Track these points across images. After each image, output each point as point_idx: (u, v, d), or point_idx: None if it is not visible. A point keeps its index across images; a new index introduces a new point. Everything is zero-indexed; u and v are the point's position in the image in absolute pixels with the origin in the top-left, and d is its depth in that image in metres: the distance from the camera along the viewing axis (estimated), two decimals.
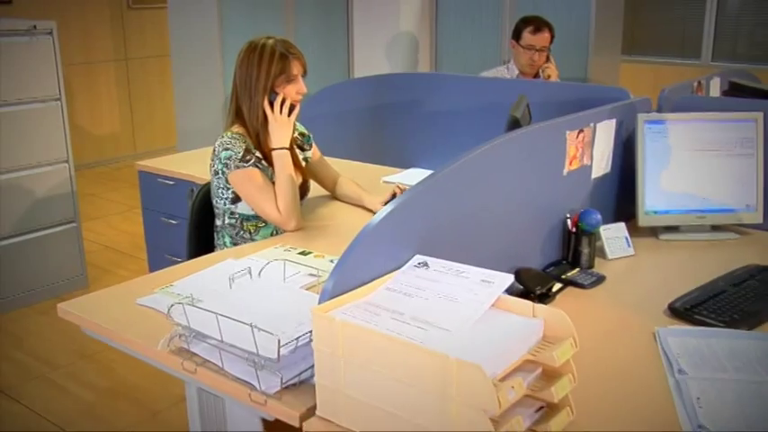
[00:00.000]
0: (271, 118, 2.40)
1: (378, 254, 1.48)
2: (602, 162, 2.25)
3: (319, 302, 1.38)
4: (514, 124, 2.10)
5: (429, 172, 3.31)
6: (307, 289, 1.92)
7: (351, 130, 3.45)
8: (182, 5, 4.91)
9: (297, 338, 1.42)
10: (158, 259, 3.49)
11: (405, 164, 3.24)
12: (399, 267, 1.52)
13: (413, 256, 1.55)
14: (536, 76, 3.79)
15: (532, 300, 1.82)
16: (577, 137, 2.08)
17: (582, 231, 2.08)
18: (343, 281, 1.41)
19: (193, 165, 3.32)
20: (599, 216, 2.08)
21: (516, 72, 3.76)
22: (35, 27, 3.66)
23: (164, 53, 6.59)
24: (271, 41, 2.38)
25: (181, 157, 3.63)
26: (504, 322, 1.36)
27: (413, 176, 3.10)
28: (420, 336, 1.27)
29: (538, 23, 3.66)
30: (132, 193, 5.56)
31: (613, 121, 2.26)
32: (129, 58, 6.93)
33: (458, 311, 1.35)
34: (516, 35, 3.70)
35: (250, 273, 1.80)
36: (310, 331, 1.44)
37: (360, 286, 1.43)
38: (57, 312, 1.89)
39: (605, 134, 2.23)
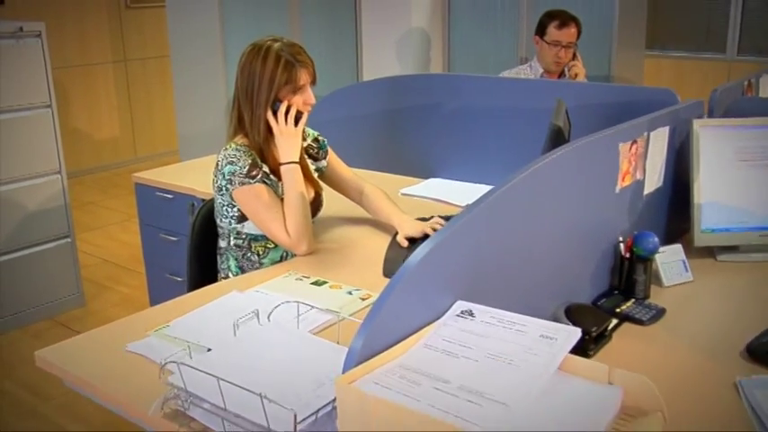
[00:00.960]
0: (276, 130, 2.14)
1: (413, 302, 1.21)
2: (654, 176, 1.99)
3: (345, 367, 1.11)
4: (558, 136, 1.84)
5: (451, 182, 3.12)
6: (324, 329, 1.66)
7: (364, 137, 3.19)
8: (181, 4, 4.65)
9: (317, 411, 1.16)
10: (158, 279, 3.24)
11: (424, 173, 2.97)
12: (438, 317, 1.26)
13: (454, 303, 1.29)
14: (561, 74, 3.52)
15: (587, 342, 1.56)
16: (630, 149, 1.82)
17: (637, 257, 1.81)
18: (373, 339, 1.14)
19: (194, 176, 3.06)
20: (656, 239, 1.82)
21: (540, 71, 3.49)
22: (21, 29, 3.40)
23: (164, 54, 6.31)
24: (276, 45, 2.11)
25: (180, 167, 3.36)
26: (574, 391, 1.10)
27: (433, 188, 2.84)
28: (473, 414, 1.01)
29: (564, 17, 3.39)
30: (133, 201, 5.29)
31: (667, 128, 1.99)
32: (128, 59, 6.67)
33: (515, 378, 1.09)
34: (540, 30, 3.43)
35: (258, 316, 1.54)
36: (333, 400, 1.18)
37: (393, 345, 1.17)
38: (57, 334, 1.63)
39: (659, 144, 1.96)
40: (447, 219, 2.33)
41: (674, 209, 2.15)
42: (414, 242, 2.17)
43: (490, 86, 2.96)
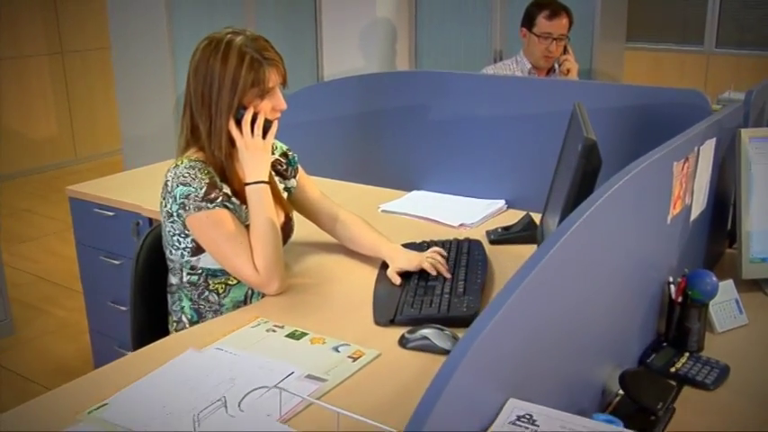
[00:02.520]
0: (240, 143, 1.75)
1: (455, 412, 0.85)
2: (700, 197, 1.65)
3: None
4: (593, 155, 1.48)
5: (435, 195, 2.72)
6: (308, 407, 1.29)
7: (332, 144, 2.80)
8: None
9: None
10: (98, 307, 2.81)
11: (405, 185, 2.60)
12: (486, 427, 0.90)
13: (505, 402, 0.93)
14: (550, 70, 3.19)
15: (654, 423, 1.22)
16: (682, 169, 1.48)
17: (692, 302, 1.48)
18: None
19: (140, 190, 2.64)
20: (714, 279, 1.49)
21: (528, 66, 3.15)
22: None
23: (107, 45, 5.81)
24: (239, 40, 1.72)
25: (124, 178, 2.91)
26: None
27: (417, 202, 2.47)
28: None
29: (554, 7, 3.04)
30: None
31: (713, 140, 1.66)
32: (65, 51, 6.14)
33: None
34: (528, 22, 3.09)
35: (225, 405, 1.15)
36: None
37: None
38: None
39: (705, 160, 1.63)
40: (443, 245, 1.97)
41: (712, 234, 1.83)
42: (407, 277, 1.82)
43: (477, 85, 2.58)
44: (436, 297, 1.67)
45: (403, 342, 1.53)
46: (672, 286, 1.49)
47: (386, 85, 2.71)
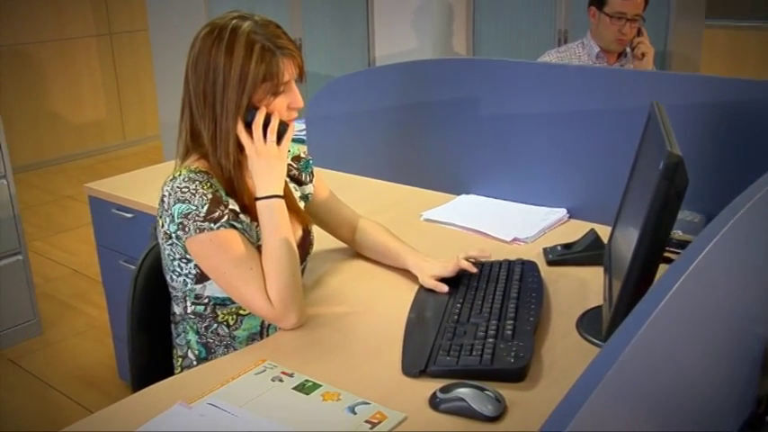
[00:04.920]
0: (250, 150, 1.48)
1: None
2: None
3: None
4: (678, 175, 1.16)
5: (486, 200, 2.19)
6: None
7: (375, 138, 2.50)
8: None
9: None
10: (120, 314, 2.59)
11: (453, 188, 2.30)
12: None
13: None
14: (621, 54, 2.83)
15: None
16: None
17: None
18: None
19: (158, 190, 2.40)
20: None
21: (596, 50, 2.80)
22: None
23: None
24: (246, 26, 1.44)
25: (144, 176, 2.67)
26: None
27: (464, 209, 2.17)
28: None
29: None
30: None
31: None
32: (113, 32, 5.97)
33: None
34: (599, 1, 2.73)
35: None
36: None
37: None
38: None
39: None
40: (491, 267, 1.68)
41: None
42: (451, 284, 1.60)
43: (538, 75, 2.22)
44: (478, 341, 1.38)
45: (435, 403, 1.25)
46: None
47: (435, 74, 2.39)
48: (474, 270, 1.63)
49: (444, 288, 1.60)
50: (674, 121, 1.37)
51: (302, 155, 1.75)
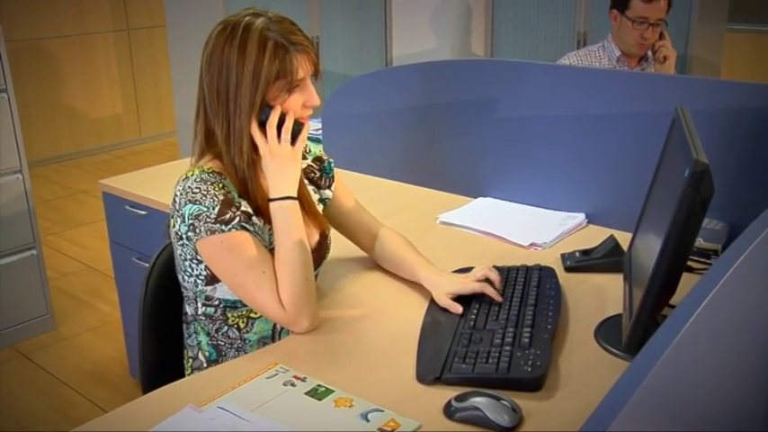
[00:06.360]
0: (264, 150, 1.46)
1: None
2: None
3: None
4: (704, 183, 1.13)
5: (504, 204, 2.14)
6: None
7: (391, 139, 2.48)
8: None
9: None
10: (132, 311, 2.58)
11: (470, 190, 2.27)
12: None
13: None
14: (642, 58, 2.79)
15: None
16: None
17: None
18: None
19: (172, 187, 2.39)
20: None
21: (617, 53, 2.76)
22: None
23: None
24: (259, 23, 1.42)
25: (159, 172, 2.66)
26: None
27: (481, 212, 2.14)
28: None
29: None
30: None
31: None
32: (131, 28, 5.98)
33: None
34: (621, 3, 2.69)
35: None
36: None
37: None
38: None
39: None
40: (507, 272, 1.65)
41: None
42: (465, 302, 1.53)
43: (558, 78, 2.19)
44: (494, 349, 1.35)
45: (449, 411, 1.22)
46: None
47: (454, 75, 2.36)
48: (499, 299, 1.52)
49: (459, 309, 1.50)
50: (695, 126, 1.33)
51: (324, 156, 1.72)
